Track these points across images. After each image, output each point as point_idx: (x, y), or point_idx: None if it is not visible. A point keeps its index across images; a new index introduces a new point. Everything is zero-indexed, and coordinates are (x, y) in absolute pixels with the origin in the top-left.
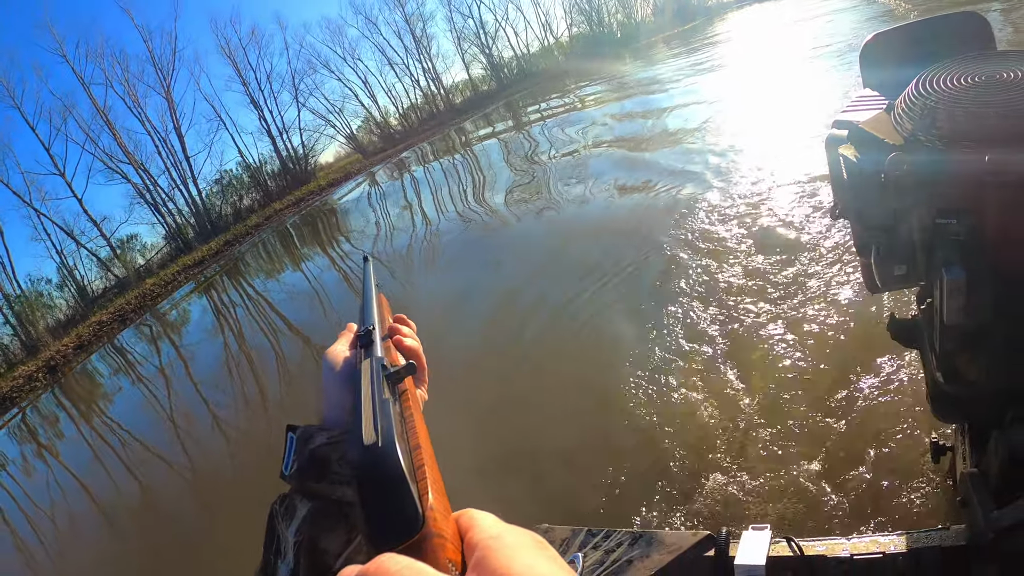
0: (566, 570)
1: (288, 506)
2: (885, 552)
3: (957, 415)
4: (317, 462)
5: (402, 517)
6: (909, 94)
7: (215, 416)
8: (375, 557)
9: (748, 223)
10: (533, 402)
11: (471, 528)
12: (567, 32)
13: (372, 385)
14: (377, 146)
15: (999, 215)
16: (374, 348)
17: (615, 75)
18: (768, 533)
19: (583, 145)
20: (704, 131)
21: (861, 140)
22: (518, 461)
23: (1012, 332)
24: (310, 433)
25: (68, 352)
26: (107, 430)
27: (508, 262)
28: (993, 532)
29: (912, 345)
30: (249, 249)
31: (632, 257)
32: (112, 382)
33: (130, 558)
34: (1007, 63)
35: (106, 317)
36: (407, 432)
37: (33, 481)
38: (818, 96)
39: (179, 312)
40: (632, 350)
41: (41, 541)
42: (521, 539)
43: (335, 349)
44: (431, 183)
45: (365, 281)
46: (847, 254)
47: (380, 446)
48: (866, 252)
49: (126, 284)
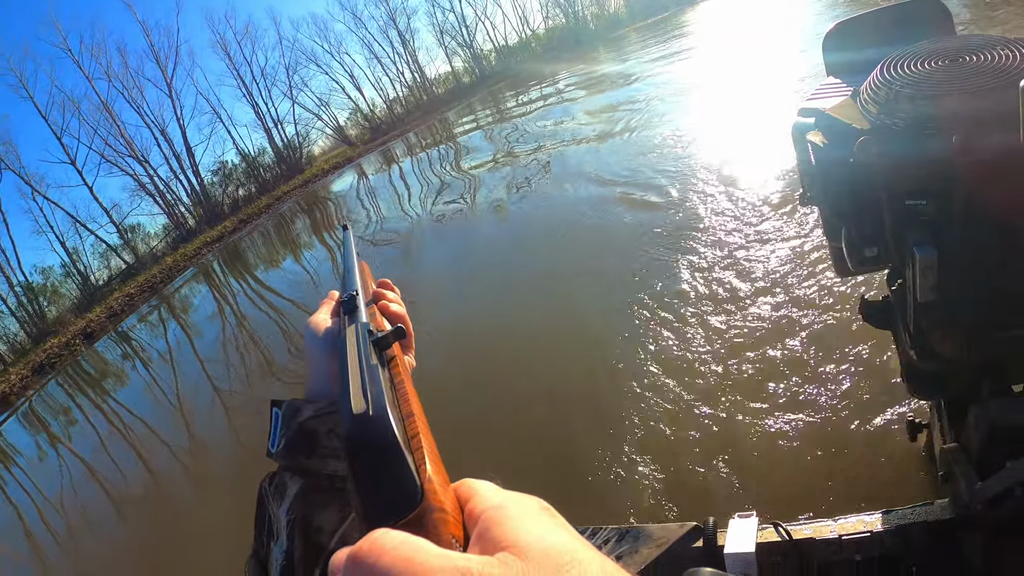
0: (578, 537)
1: (278, 485)
2: (872, 530)
3: (933, 392)
4: (306, 436)
5: (399, 491)
6: (874, 79)
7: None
8: (368, 533)
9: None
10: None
11: (471, 498)
12: (543, 25)
13: (359, 351)
14: (364, 137)
15: (967, 194)
16: (358, 313)
17: (590, 65)
18: (755, 520)
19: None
20: (658, 118)
21: (828, 126)
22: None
23: (983, 307)
24: (296, 407)
25: (102, 320)
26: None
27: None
28: (980, 504)
29: (885, 326)
30: (250, 233)
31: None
32: (151, 345)
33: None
34: (970, 47)
35: (134, 289)
36: (398, 399)
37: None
38: (782, 84)
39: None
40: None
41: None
42: (527, 507)
43: (317, 317)
44: (415, 168)
45: (345, 248)
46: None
47: (371, 415)
48: (836, 236)
49: (135, 268)
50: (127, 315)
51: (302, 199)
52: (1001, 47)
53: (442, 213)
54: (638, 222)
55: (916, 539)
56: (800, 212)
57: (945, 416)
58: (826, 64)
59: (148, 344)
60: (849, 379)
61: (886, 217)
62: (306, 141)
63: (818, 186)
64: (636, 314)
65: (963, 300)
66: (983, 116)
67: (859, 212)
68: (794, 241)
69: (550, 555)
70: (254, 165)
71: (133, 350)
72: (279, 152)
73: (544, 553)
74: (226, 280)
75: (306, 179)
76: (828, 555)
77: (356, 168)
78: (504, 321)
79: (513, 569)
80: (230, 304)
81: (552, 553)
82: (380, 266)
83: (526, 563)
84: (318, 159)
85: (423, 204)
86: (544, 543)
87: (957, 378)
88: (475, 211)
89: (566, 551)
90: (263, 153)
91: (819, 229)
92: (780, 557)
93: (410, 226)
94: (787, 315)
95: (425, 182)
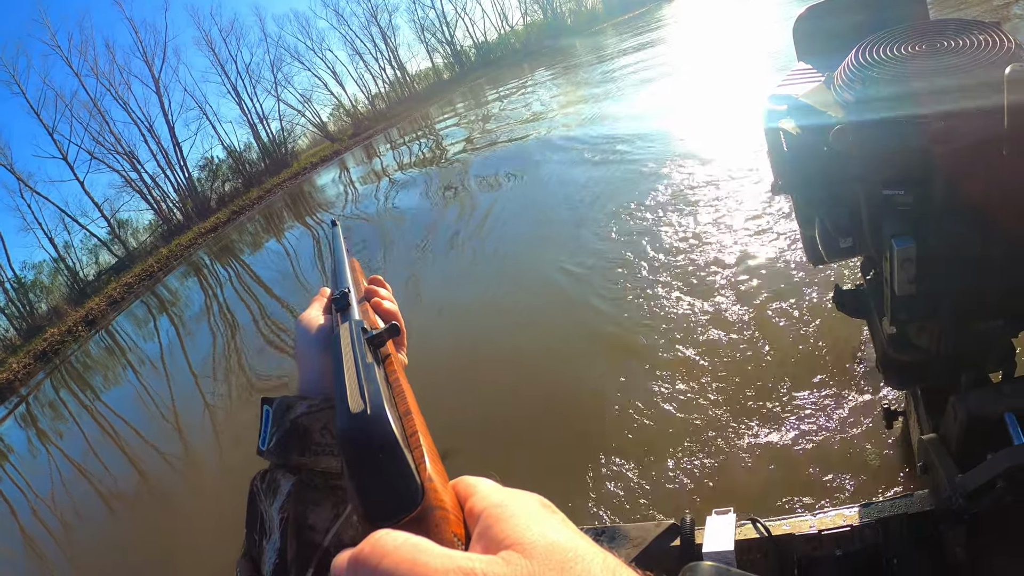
0: (579, 534)
1: (270, 482)
2: (852, 525)
3: (909, 381)
4: (299, 433)
5: (399, 490)
6: (849, 64)
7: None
8: (369, 535)
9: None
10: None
11: (471, 496)
12: (522, 20)
13: (354, 349)
14: (347, 132)
15: (947, 184)
16: (351, 311)
17: (567, 59)
18: (732, 516)
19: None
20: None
21: (801, 113)
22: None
23: (962, 299)
24: (288, 403)
25: (104, 308)
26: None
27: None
28: (962, 497)
29: (859, 315)
30: (245, 224)
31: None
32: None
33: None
34: (946, 32)
35: (132, 279)
36: (395, 397)
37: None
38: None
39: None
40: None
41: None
42: (528, 504)
43: (309, 314)
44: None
45: (335, 245)
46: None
47: (369, 414)
48: (809, 225)
49: (126, 263)
50: (128, 304)
51: (287, 194)
52: (979, 31)
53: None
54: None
55: (896, 531)
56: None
57: (922, 405)
58: (796, 49)
59: (147, 333)
60: (822, 366)
61: (862, 207)
62: (291, 137)
63: (791, 175)
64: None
65: (942, 293)
66: (963, 103)
67: (834, 202)
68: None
69: (553, 552)
70: (240, 160)
71: (140, 333)
72: (264, 148)
73: (547, 550)
74: (224, 268)
75: (294, 172)
76: (808, 550)
77: (339, 163)
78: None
79: (517, 567)
80: (235, 287)
81: (555, 550)
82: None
83: (530, 561)
84: (303, 154)
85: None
86: (547, 540)
87: (933, 368)
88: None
89: (569, 548)
90: (249, 148)
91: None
92: (760, 554)
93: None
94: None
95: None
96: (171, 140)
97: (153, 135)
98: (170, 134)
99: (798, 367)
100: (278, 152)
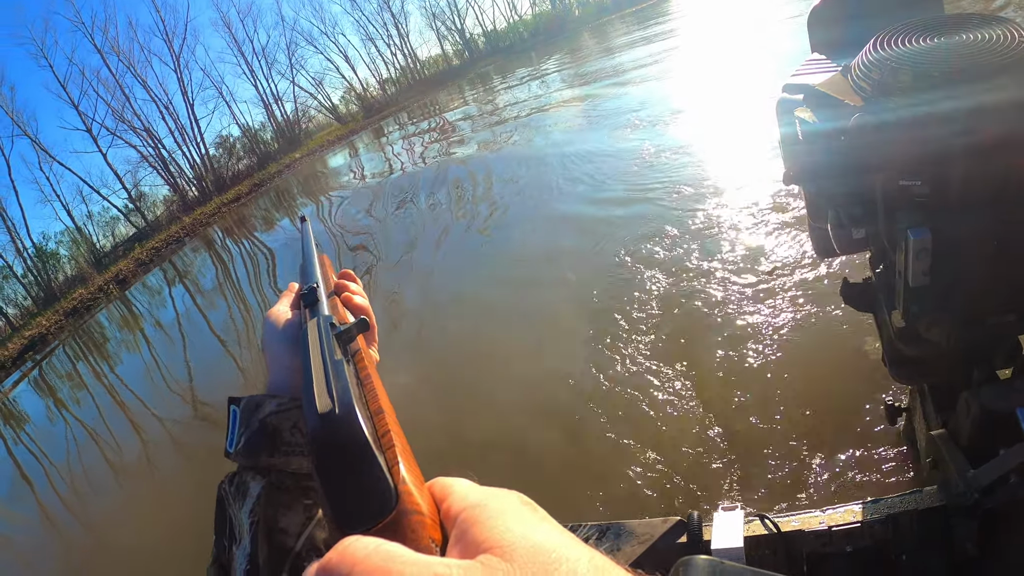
0: (563, 532)
1: (239, 485)
2: (862, 520)
3: (918, 377)
4: (268, 433)
5: (372, 494)
6: (867, 54)
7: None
8: (339, 541)
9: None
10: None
11: (447, 497)
12: (530, 10)
13: (321, 345)
14: (359, 116)
15: (966, 176)
16: (320, 306)
17: (575, 49)
18: (741, 513)
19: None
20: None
21: (819, 102)
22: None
23: (976, 291)
24: (256, 402)
25: (132, 267)
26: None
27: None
28: (976, 492)
29: (866, 309)
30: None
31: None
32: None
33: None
34: (966, 25)
35: (159, 243)
36: (366, 396)
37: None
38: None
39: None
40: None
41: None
42: (507, 503)
43: (277, 310)
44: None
45: (304, 241)
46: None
47: (338, 413)
48: (820, 217)
49: (146, 233)
50: (155, 265)
51: (299, 172)
52: (999, 25)
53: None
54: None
55: (906, 527)
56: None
57: (930, 401)
58: (811, 40)
59: (203, 278)
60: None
61: (878, 197)
62: (304, 117)
63: (805, 165)
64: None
65: (956, 285)
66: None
67: (849, 192)
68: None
69: (536, 554)
70: (255, 139)
71: (170, 289)
72: (279, 127)
73: (529, 552)
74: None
75: (310, 150)
76: (818, 546)
77: (349, 144)
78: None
79: (497, 572)
80: (260, 250)
81: (538, 552)
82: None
83: (510, 564)
84: (315, 134)
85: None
86: (528, 541)
87: (943, 363)
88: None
89: (552, 548)
90: (264, 128)
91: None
92: (769, 551)
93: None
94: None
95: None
96: (189, 117)
97: (171, 113)
98: (188, 111)
99: (802, 367)
100: (291, 132)
